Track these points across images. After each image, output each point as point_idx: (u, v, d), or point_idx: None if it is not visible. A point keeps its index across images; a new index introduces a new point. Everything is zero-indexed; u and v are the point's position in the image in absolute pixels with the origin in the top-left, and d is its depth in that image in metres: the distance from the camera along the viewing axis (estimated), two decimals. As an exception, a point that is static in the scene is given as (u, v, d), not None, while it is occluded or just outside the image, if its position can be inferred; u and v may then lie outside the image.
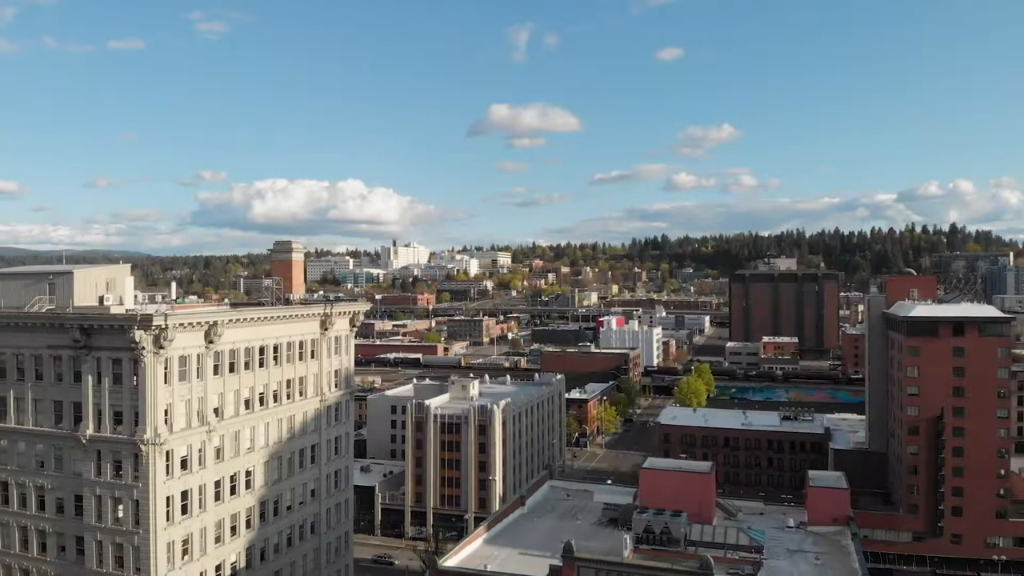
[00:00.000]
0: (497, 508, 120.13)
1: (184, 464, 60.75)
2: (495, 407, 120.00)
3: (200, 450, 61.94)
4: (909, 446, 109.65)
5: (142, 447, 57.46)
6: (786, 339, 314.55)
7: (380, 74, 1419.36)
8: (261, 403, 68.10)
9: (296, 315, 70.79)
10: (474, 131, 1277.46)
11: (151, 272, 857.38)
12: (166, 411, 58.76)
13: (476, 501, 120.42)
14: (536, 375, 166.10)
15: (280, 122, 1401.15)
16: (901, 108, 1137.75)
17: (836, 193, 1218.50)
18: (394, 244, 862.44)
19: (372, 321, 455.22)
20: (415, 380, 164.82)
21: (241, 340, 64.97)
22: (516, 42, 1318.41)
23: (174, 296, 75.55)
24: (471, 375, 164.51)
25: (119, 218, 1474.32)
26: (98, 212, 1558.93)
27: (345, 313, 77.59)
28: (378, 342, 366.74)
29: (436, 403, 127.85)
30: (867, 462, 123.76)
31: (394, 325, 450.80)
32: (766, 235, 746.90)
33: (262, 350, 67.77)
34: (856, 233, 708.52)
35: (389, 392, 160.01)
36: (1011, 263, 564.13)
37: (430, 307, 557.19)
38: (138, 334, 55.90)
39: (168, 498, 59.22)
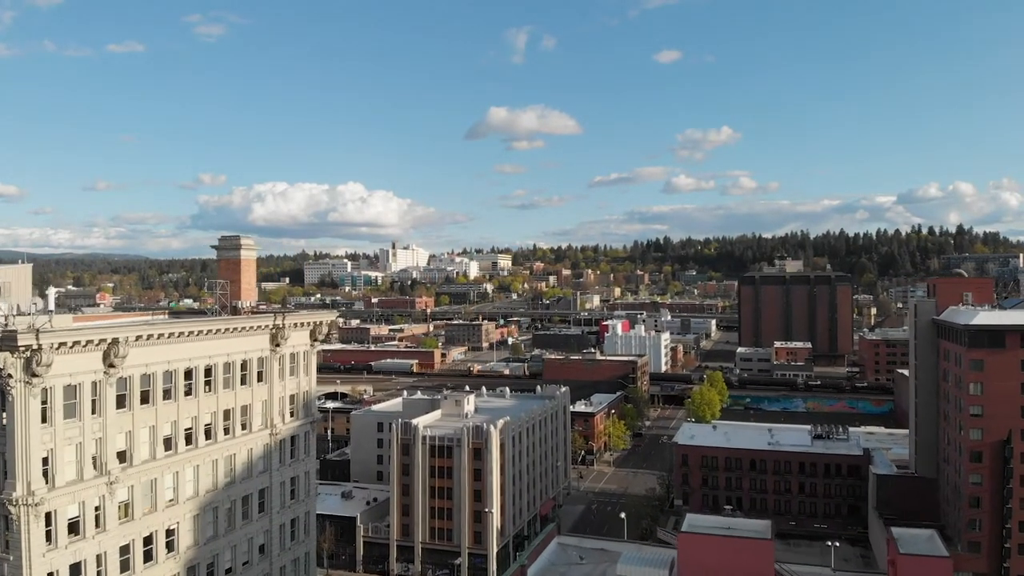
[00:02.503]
0: (494, 542, 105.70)
1: (74, 528, 45.88)
2: (492, 428, 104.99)
3: (98, 508, 47.05)
4: (971, 474, 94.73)
5: (11, 508, 42.66)
6: (799, 344, 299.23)
7: (379, 76, 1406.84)
8: (188, 442, 53.21)
9: (236, 328, 55.90)
10: (472, 134, 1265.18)
11: (148, 275, 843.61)
12: (45, 459, 43.92)
13: (471, 535, 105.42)
14: (538, 387, 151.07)
15: (279, 125, 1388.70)
16: (901, 110, 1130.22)
17: (836, 195, 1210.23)
18: (393, 247, 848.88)
19: (368, 325, 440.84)
20: (406, 393, 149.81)
21: (158, 361, 50.13)
22: (514, 44, 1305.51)
23: (52, 304, 60.42)
24: (468, 387, 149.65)
25: (119, 221, 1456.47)
26: (98, 215, 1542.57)
27: (303, 324, 62.69)
28: (373, 347, 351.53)
29: (425, 422, 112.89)
30: (915, 490, 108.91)
31: (390, 329, 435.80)
32: (769, 237, 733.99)
33: (189, 374, 52.91)
34: (861, 235, 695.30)
35: (376, 407, 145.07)
36: (1022, 264, 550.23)
37: (428, 311, 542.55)
38: (1, 357, 41.10)
39: (51, 574, 44.35)
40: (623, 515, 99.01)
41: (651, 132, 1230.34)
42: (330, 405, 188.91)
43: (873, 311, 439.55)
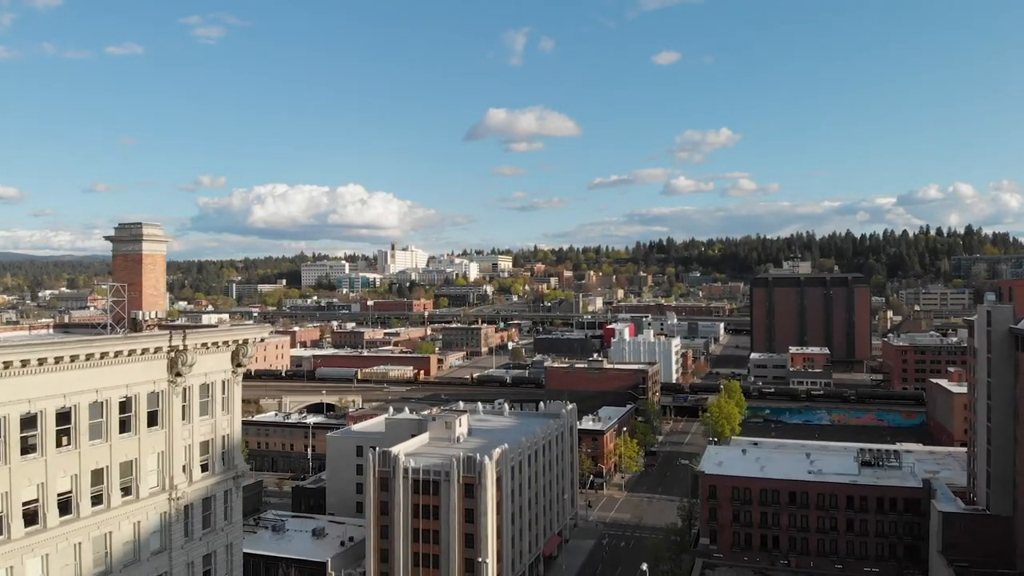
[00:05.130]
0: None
1: None
2: (486, 459, 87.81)
3: None
4: (1069, 519, 77.85)
5: None
6: (816, 350, 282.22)
7: (378, 78, 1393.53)
8: (31, 522, 36.15)
9: (106, 353, 38.85)
10: (472, 135, 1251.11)
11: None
12: None
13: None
14: (541, 403, 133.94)
15: (279, 127, 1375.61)
16: (900, 111, 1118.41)
17: (836, 197, 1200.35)
18: (392, 248, 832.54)
19: (362, 329, 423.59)
20: (391, 409, 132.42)
21: (-29, 407, 33.14)
22: (512, 46, 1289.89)
23: None
24: (461, 404, 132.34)
25: (119, 223, 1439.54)
26: (98, 217, 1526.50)
27: (220, 344, 45.55)
28: (366, 353, 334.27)
29: (408, 450, 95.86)
30: (988, 531, 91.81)
31: (386, 333, 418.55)
32: (775, 238, 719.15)
33: (30, 421, 35.91)
34: (868, 236, 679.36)
35: (356, 427, 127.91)
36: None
37: (426, 313, 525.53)
38: None
39: None
40: (645, 567, 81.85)
41: (650, 134, 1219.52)
42: (312, 420, 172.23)
43: (889, 314, 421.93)
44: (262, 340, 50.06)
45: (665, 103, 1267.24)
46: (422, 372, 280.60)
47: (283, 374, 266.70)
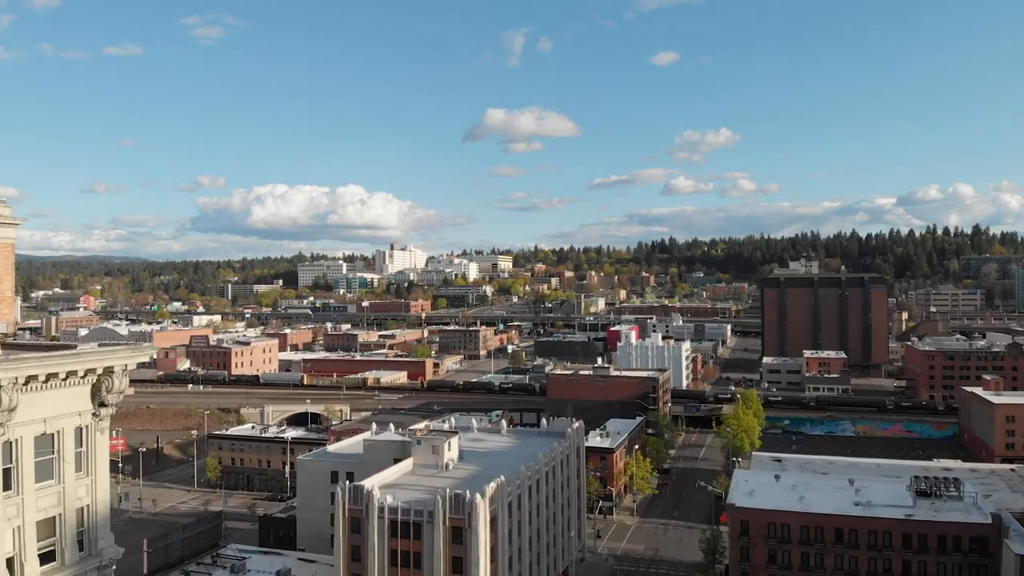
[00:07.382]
0: (483, 656, 73.94)
1: None
2: (477, 497, 72.70)
3: None
4: None
5: None
6: (832, 354, 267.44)
7: (377, 78, 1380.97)
8: None
9: None
10: (471, 136, 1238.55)
11: (139, 278, 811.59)
12: None
13: (448, 649, 73.43)
14: (543, 420, 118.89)
15: (279, 127, 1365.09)
16: (900, 112, 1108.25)
17: (836, 197, 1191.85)
18: (391, 248, 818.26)
19: (356, 332, 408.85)
20: (374, 427, 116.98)
21: None
22: (511, 47, 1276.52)
23: None
24: (453, 421, 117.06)
25: (118, 224, 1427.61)
26: (97, 218, 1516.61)
27: (66, 376, 30.64)
28: (359, 356, 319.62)
29: (386, 481, 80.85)
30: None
31: (380, 336, 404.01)
32: (779, 238, 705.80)
33: None
34: (874, 235, 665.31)
35: (332, 447, 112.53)
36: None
37: (423, 315, 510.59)
38: None
39: None
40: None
41: (650, 134, 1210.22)
42: (290, 433, 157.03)
43: (904, 316, 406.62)
44: (139, 366, 35.13)
45: (664, 103, 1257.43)
46: (417, 377, 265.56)
47: (225, 379, 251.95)
